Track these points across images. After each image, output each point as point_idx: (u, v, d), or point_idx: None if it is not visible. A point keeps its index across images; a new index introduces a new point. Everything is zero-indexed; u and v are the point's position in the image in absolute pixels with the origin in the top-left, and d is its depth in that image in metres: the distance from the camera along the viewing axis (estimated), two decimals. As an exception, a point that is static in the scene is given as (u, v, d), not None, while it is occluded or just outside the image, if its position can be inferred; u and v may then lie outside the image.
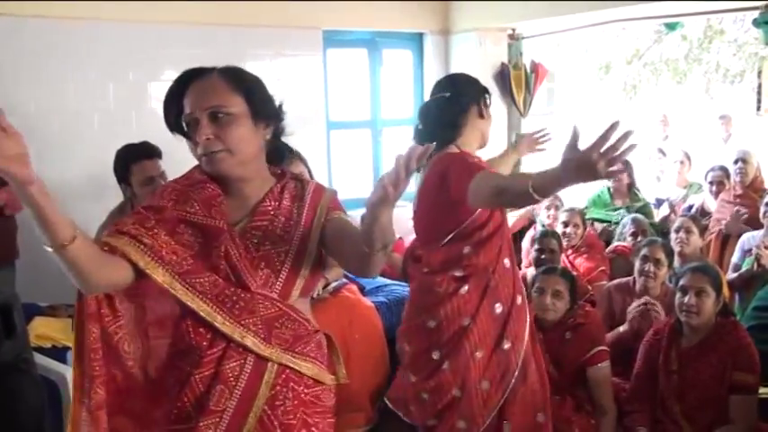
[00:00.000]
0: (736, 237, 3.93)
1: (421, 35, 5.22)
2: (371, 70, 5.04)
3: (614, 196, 4.75)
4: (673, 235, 3.65)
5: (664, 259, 3.14)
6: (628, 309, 3.02)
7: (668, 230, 3.92)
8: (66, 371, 2.74)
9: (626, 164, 4.78)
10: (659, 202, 5.02)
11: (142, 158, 2.91)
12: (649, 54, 11.68)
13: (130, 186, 2.92)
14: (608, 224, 4.56)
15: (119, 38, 3.78)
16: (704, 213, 4.58)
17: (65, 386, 2.69)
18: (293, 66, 4.42)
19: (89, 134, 3.74)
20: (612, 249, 4.08)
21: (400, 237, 3.91)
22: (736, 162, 4.40)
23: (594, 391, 2.75)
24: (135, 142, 2.97)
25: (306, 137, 3.92)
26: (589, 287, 3.65)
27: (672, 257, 3.27)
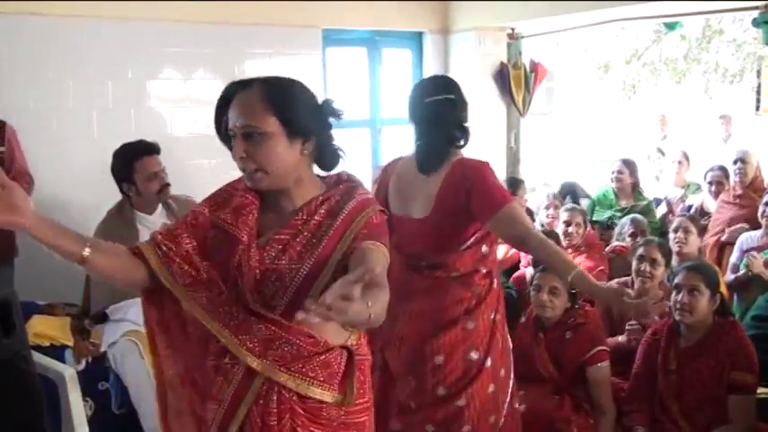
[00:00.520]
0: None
1: (420, 34, 5.22)
2: (371, 69, 5.04)
3: (619, 196, 4.75)
4: (671, 235, 3.65)
5: (660, 259, 3.13)
6: (626, 325, 3.01)
7: (667, 230, 3.92)
8: (64, 369, 2.74)
9: (629, 163, 4.79)
10: (657, 202, 5.03)
11: (143, 155, 2.92)
12: (648, 54, 11.65)
13: (134, 185, 2.93)
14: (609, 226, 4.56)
15: (118, 36, 3.78)
16: (704, 213, 4.58)
17: (63, 384, 2.69)
18: (293, 64, 4.41)
19: (88, 132, 3.73)
20: (611, 249, 4.07)
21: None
22: (735, 162, 4.39)
23: (594, 391, 2.75)
24: (131, 141, 2.98)
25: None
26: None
27: (670, 257, 3.26)
